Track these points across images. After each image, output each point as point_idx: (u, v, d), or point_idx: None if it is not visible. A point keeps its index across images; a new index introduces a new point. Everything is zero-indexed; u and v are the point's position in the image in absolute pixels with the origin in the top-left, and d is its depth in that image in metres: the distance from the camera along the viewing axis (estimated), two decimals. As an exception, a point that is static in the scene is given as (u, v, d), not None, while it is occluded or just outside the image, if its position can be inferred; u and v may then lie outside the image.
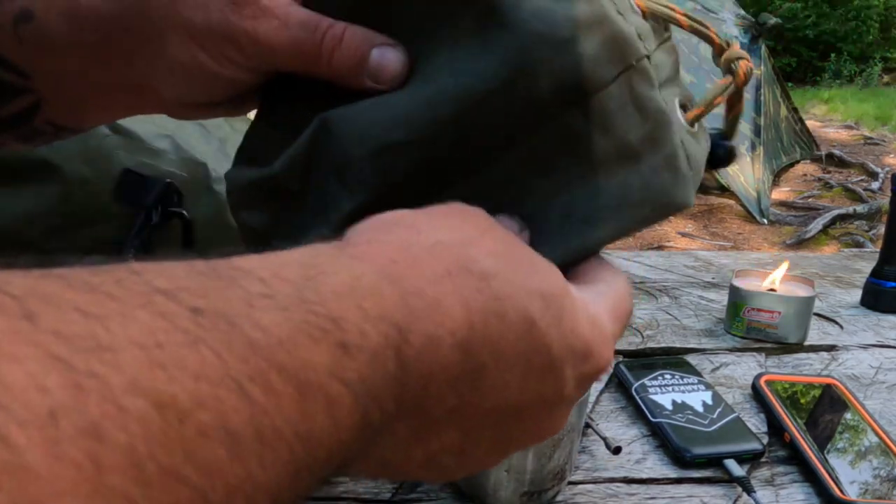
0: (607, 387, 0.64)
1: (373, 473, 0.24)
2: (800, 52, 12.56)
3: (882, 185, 5.12)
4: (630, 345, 0.72)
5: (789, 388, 0.61)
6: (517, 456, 0.42)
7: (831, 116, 8.26)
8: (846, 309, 0.86)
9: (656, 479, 0.50)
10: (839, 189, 5.13)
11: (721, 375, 0.67)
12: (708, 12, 5.55)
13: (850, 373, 0.69)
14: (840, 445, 0.54)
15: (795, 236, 4.18)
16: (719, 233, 4.36)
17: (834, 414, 0.58)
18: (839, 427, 0.57)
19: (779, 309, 0.73)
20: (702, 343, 0.74)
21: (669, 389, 0.60)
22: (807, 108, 8.09)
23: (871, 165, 5.62)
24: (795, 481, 0.51)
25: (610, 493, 0.49)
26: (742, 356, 0.71)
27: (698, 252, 1.11)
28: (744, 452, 0.53)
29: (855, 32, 12.35)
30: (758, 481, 0.51)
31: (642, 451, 0.54)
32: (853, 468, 0.51)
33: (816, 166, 5.86)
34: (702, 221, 4.56)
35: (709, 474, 0.51)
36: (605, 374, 0.23)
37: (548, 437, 0.24)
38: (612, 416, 0.59)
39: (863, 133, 7.12)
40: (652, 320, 0.79)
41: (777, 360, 0.71)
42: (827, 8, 12.46)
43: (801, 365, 0.70)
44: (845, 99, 9.18)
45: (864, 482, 0.50)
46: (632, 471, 0.51)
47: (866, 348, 0.75)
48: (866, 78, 11.45)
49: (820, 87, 10.95)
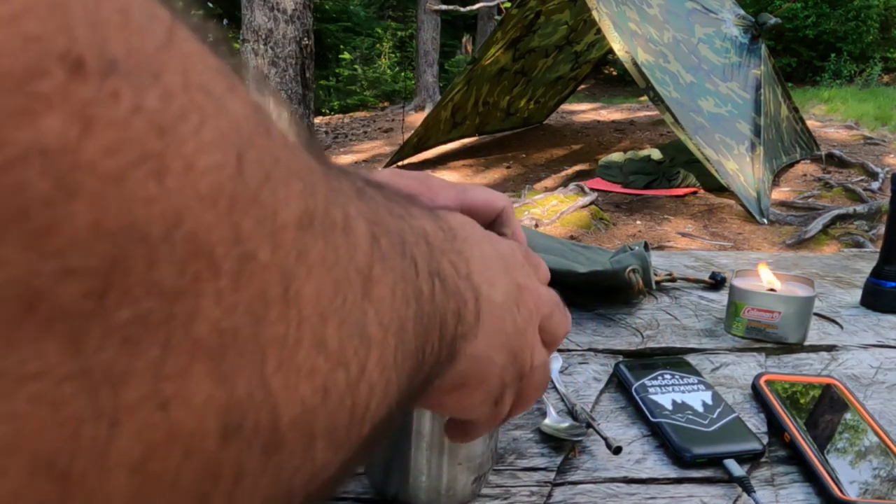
0: (607, 387, 0.64)
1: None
2: (800, 52, 12.56)
3: (882, 185, 5.12)
4: (630, 345, 0.72)
5: (789, 388, 0.61)
6: (466, 446, 0.44)
7: (831, 116, 8.26)
8: (846, 309, 0.86)
9: (656, 479, 0.50)
10: (839, 189, 5.13)
11: (721, 375, 0.67)
12: (708, 12, 5.55)
13: (850, 373, 0.69)
14: (840, 445, 0.54)
15: (795, 236, 4.18)
16: (719, 233, 4.36)
17: (834, 414, 0.58)
18: (839, 427, 0.57)
19: (779, 309, 0.73)
20: (702, 343, 0.74)
21: (669, 389, 0.60)
22: (807, 108, 8.09)
23: (871, 165, 5.61)
24: (795, 481, 0.51)
25: (610, 493, 0.49)
26: (742, 356, 0.71)
27: (698, 252, 1.11)
28: (744, 452, 0.53)
29: (855, 32, 12.34)
30: (758, 481, 0.51)
31: (642, 451, 0.54)
32: (853, 468, 0.51)
33: (816, 166, 5.86)
34: (702, 221, 4.55)
35: (709, 474, 0.51)
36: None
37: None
38: (612, 416, 0.59)
39: (863, 133, 7.12)
40: (652, 320, 0.79)
41: (777, 360, 0.71)
42: (827, 8, 12.46)
43: (801, 365, 0.70)
44: (845, 99, 9.17)
45: (864, 482, 0.50)
46: (632, 471, 0.51)
47: (866, 348, 0.75)
48: (866, 78, 11.45)
49: (820, 87, 10.95)
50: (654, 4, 5.21)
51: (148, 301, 0.12)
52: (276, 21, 4.50)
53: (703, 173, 4.88)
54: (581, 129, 8.06)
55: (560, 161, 6.50)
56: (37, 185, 0.10)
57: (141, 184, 0.11)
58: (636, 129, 7.72)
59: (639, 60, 4.58)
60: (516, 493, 0.48)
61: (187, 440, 0.13)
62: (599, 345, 0.72)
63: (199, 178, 0.12)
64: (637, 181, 5.32)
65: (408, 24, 13.50)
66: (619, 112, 9.17)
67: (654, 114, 7.33)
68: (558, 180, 5.72)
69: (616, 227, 4.49)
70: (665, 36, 5.10)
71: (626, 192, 5.24)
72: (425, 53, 9.49)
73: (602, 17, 4.61)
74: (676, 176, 5.22)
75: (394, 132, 8.02)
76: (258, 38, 4.49)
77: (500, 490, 0.48)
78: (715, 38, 5.44)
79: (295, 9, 4.53)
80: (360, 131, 8.85)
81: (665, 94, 4.55)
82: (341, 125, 9.42)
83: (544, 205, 4.60)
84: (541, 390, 0.32)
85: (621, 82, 12.66)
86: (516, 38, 6.28)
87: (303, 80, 4.62)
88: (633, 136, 7.37)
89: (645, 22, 4.99)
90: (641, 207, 4.89)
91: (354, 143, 8.03)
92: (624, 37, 4.60)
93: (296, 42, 4.54)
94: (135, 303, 0.12)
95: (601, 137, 7.43)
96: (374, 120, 9.73)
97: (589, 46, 7.29)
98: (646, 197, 5.12)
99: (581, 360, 0.69)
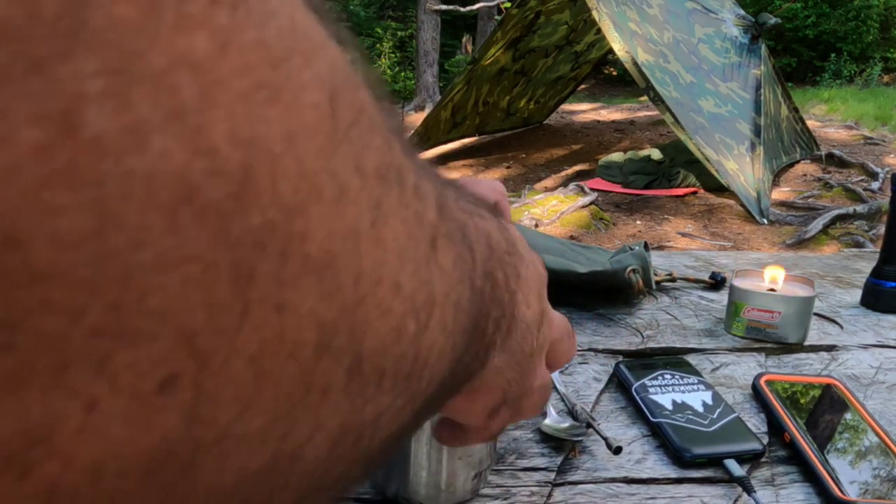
0: (607, 387, 0.64)
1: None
2: (800, 52, 12.55)
3: (882, 185, 5.12)
4: (630, 345, 0.72)
5: (789, 388, 0.61)
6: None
7: (831, 116, 8.26)
8: (846, 309, 0.86)
9: (656, 479, 0.50)
10: (839, 189, 5.13)
11: (721, 375, 0.67)
12: (708, 12, 5.55)
13: (850, 373, 0.69)
14: (840, 445, 0.54)
15: (795, 236, 4.18)
16: (719, 233, 4.36)
17: (834, 414, 0.58)
18: (839, 427, 0.57)
19: (779, 309, 0.73)
20: (702, 343, 0.74)
21: (669, 389, 0.60)
22: (807, 108, 8.09)
23: (871, 165, 5.61)
24: (795, 481, 0.51)
25: (610, 493, 0.49)
26: (742, 356, 0.71)
27: (698, 252, 1.11)
28: (744, 452, 0.53)
29: (855, 32, 12.34)
30: (758, 481, 0.51)
31: (642, 451, 0.54)
32: (853, 468, 0.51)
33: (816, 166, 5.86)
34: (702, 221, 4.55)
35: (709, 474, 0.51)
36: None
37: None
38: (612, 416, 0.59)
39: (863, 133, 7.12)
40: (652, 320, 0.79)
41: (777, 360, 0.71)
42: (827, 8, 12.46)
43: (801, 365, 0.70)
44: (845, 99, 9.17)
45: (864, 482, 0.50)
46: (632, 471, 0.51)
47: (866, 348, 0.75)
48: (866, 78, 11.45)
49: (820, 87, 10.94)
50: (654, 4, 5.21)
51: (273, 211, 0.13)
52: (276, 21, 4.50)
53: (703, 173, 4.88)
54: (581, 129, 8.06)
55: (560, 161, 6.50)
56: (188, 89, 0.12)
57: (262, 105, 0.13)
58: (636, 129, 7.72)
59: (639, 60, 4.58)
60: (516, 493, 0.48)
61: (291, 344, 0.14)
62: (599, 345, 0.72)
63: (302, 111, 0.14)
64: (637, 181, 5.32)
65: (408, 24, 13.51)
66: (619, 112, 9.17)
67: (654, 114, 7.33)
68: (558, 180, 5.72)
69: (616, 227, 4.49)
70: (665, 36, 5.10)
71: (626, 192, 5.24)
72: (425, 53, 9.50)
73: (602, 17, 4.61)
74: (676, 176, 5.22)
75: (394, 132, 8.00)
76: (258, 38, 4.49)
77: (500, 490, 0.48)
78: (715, 38, 5.44)
79: (295, 9, 4.53)
80: (360, 131, 8.83)
81: (665, 94, 4.55)
82: (341, 125, 9.40)
83: (544, 205, 4.60)
84: (536, 411, 0.33)
85: (621, 82, 12.65)
86: (516, 38, 6.28)
87: (303, 80, 4.62)
88: (633, 136, 7.37)
89: (645, 22, 4.99)
90: (641, 207, 4.89)
91: (354, 143, 8.02)
92: (624, 37, 4.60)
93: (296, 42, 4.54)
94: (263, 211, 0.13)
95: (601, 137, 7.43)
96: (374, 120, 9.71)
97: (589, 46, 7.29)
98: (646, 197, 5.12)
99: (581, 360, 0.69)
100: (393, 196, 0.17)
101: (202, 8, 0.12)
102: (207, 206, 0.12)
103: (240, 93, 0.13)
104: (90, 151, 0.11)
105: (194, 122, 0.12)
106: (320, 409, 0.16)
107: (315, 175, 0.14)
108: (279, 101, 0.14)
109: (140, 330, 0.12)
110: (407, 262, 0.18)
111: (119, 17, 0.11)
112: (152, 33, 0.11)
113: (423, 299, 0.19)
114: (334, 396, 0.16)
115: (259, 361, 0.14)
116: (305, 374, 0.15)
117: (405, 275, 0.18)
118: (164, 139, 0.12)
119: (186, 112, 0.12)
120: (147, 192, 0.12)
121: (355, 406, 0.17)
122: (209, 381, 0.13)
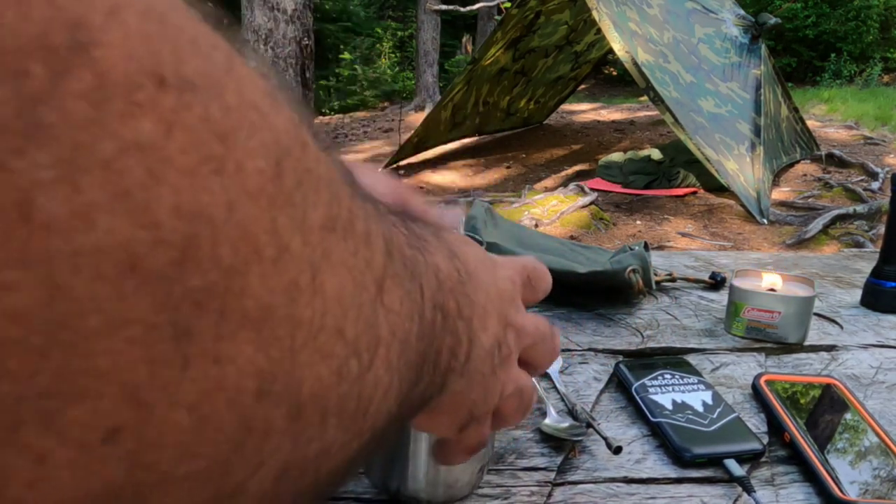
0: (607, 387, 0.64)
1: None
2: (800, 52, 12.56)
3: (882, 185, 5.12)
4: (630, 345, 0.72)
5: (789, 388, 0.61)
6: None
7: (831, 116, 8.25)
8: (846, 309, 0.86)
9: (656, 479, 0.50)
10: (839, 189, 5.13)
11: (721, 375, 0.67)
12: (708, 12, 5.55)
13: (850, 373, 0.69)
14: (840, 445, 0.54)
15: (795, 236, 4.18)
16: (719, 233, 4.36)
17: (834, 414, 0.58)
18: (839, 427, 0.57)
19: (779, 309, 0.73)
20: (702, 343, 0.74)
21: (669, 389, 0.60)
22: (807, 108, 8.09)
23: (871, 165, 5.61)
24: (795, 481, 0.51)
25: (610, 493, 0.49)
26: (742, 356, 0.71)
27: (698, 252, 1.11)
28: (744, 452, 0.53)
29: (855, 32, 12.34)
30: (758, 481, 0.51)
31: (642, 451, 0.54)
32: (853, 468, 0.51)
33: (816, 166, 5.86)
34: (702, 221, 4.55)
35: (709, 474, 0.51)
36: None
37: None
38: (612, 416, 0.59)
39: (863, 133, 7.12)
40: (652, 320, 0.79)
41: (777, 360, 0.71)
42: (827, 8, 12.46)
43: (801, 365, 0.70)
44: (845, 99, 9.17)
45: (864, 482, 0.50)
46: (632, 471, 0.51)
47: (866, 348, 0.75)
48: (866, 78, 11.45)
49: (820, 87, 10.94)
50: (654, 4, 5.21)
51: (212, 273, 0.14)
52: (276, 21, 4.51)
53: (703, 173, 4.88)
54: (581, 129, 8.06)
55: (560, 161, 6.50)
56: (135, 171, 0.13)
57: (206, 177, 0.14)
58: (636, 129, 7.72)
59: (639, 60, 4.58)
60: (516, 493, 0.48)
61: (231, 392, 0.15)
62: (599, 345, 0.72)
63: (247, 178, 0.15)
64: (637, 181, 5.32)
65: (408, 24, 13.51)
66: (619, 112, 9.16)
67: (654, 114, 7.33)
68: (558, 180, 5.72)
69: (616, 227, 4.49)
70: (665, 36, 5.10)
71: (626, 192, 5.24)
72: (425, 53, 9.50)
73: (602, 17, 4.61)
74: (676, 176, 5.22)
75: (394, 132, 8.02)
76: (258, 39, 4.49)
77: (500, 490, 0.48)
78: (715, 38, 5.44)
79: (295, 9, 4.53)
80: (360, 131, 8.85)
81: (665, 94, 4.55)
82: (341, 125, 9.42)
83: (544, 205, 4.60)
84: (521, 412, 0.33)
85: (621, 82, 12.66)
86: (516, 38, 6.28)
87: (303, 81, 4.63)
88: (633, 136, 7.37)
89: (645, 22, 4.99)
90: (641, 207, 4.89)
91: (354, 143, 8.03)
92: (624, 37, 4.60)
93: (296, 42, 4.55)
94: (204, 274, 0.14)
95: (601, 137, 7.43)
96: (374, 120, 9.73)
97: (589, 46, 7.29)
98: (646, 197, 5.12)
99: (581, 360, 0.69)
100: (339, 247, 0.18)
101: (149, 95, 0.13)
102: (150, 274, 0.13)
103: (185, 168, 0.14)
104: (42, 234, 0.12)
105: (140, 199, 0.13)
106: (262, 449, 0.16)
107: (255, 237, 0.15)
108: (224, 171, 0.14)
109: (87, 388, 0.13)
110: (350, 309, 0.19)
111: (71, 112, 0.12)
112: (102, 123, 0.12)
113: (367, 341, 0.19)
114: (276, 437, 0.17)
115: (199, 410, 0.14)
116: (246, 419, 0.16)
117: (348, 320, 0.18)
118: (111, 218, 0.12)
119: (132, 191, 0.13)
120: (94, 264, 0.12)
121: (297, 445, 0.18)
122: (151, 431, 0.14)
